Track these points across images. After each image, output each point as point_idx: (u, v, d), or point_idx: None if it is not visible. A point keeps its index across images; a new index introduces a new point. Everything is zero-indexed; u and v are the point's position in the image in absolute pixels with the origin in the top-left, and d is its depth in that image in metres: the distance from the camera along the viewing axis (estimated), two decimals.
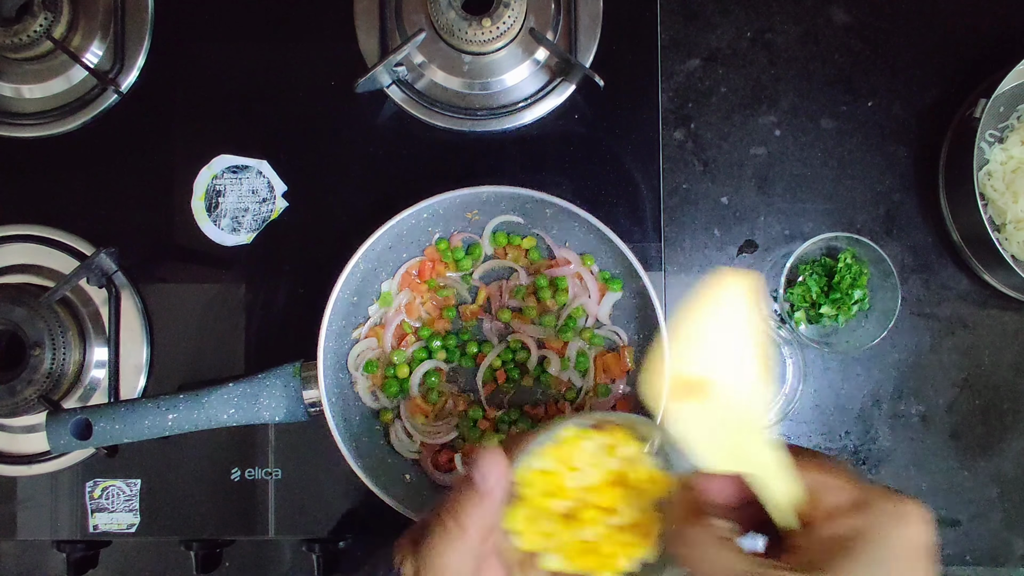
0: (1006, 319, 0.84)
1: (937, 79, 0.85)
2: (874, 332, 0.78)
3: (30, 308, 0.72)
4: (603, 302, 0.75)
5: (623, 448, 0.46)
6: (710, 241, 0.84)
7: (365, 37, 0.81)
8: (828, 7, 0.85)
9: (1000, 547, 0.83)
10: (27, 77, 0.80)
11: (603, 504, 0.45)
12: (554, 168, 0.80)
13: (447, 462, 0.74)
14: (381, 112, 0.81)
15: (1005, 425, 0.83)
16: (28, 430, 0.78)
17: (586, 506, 0.45)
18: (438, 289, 0.75)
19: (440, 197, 0.70)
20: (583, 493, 0.45)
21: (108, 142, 0.81)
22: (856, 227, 0.84)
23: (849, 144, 0.85)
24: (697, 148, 0.84)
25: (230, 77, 0.82)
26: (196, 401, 0.66)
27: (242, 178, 0.80)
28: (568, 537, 0.44)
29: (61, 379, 0.74)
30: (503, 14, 0.74)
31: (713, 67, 0.85)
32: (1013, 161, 0.82)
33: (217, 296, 0.80)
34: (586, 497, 0.45)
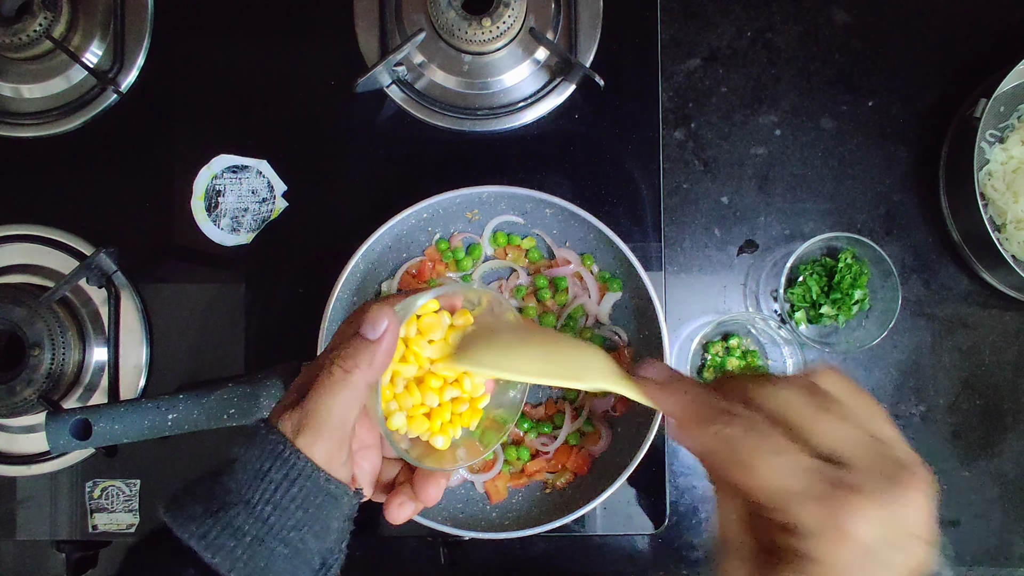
0: (1007, 319, 0.84)
1: (937, 79, 0.85)
2: (874, 332, 0.78)
3: (30, 308, 0.72)
4: (603, 302, 0.75)
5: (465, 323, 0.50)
6: (710, 241, 0.84)
7: (365, 37, 0.81)
8: (828, 7, 0.85)
9: (1000, 547, 0.83)
10: (27, 77, 0.80)
11: (446, 376, 0.48)
12: (554, 168, 0.80)
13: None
14: (381, 112, 0.81)
15: (1005, 425, 0.83)
16: (28, 430, 0.78)
17: (432, 375, 0.48)
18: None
19: (440, 197, 0.70)
20: (431, 363, 0.48)
21: (108, 142, 0.81)
22: (856, 227, 0.84)
23: (849, 144, 0.85)
24: (697, 148, 0.84)
25: (230, 77, 0.82)
26: (196, 401, 0.66)
27: (242, 178, 0.80)
28: (413, 401, 0.47)
29: (61, 379, 0.74)
30: (503, 14, 0.74)
31: (713, 67, 0.85)
32: (1013, 161, 0.82)
33: (217, 296, 0.79)
34: (433, 368, 0.48)
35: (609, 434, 0.74)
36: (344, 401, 0.44)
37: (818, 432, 0.38)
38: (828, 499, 0.36)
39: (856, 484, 0.36)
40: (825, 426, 0.38)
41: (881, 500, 0.36)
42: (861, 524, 0.35)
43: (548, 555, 0.80)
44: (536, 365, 0.46)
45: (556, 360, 0.46)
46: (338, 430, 0.44)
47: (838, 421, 0.38)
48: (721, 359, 0.81)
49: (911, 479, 0.37)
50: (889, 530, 0.36)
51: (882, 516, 0.36)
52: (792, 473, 0.37)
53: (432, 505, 0.52)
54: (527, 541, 0.80)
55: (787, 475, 0.37)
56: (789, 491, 0.36)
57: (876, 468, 0.37)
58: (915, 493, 0.37)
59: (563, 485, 0.74)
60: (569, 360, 0.46)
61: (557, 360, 0.46)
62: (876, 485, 0.36)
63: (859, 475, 0.36)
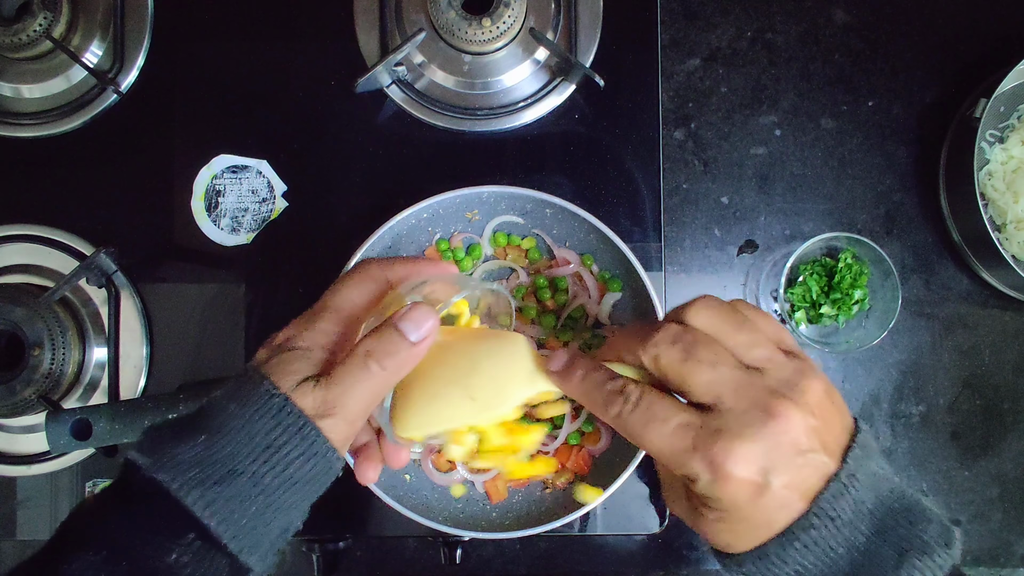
0: (1007, 319, 0.84)
1: (937, 79, 0.85)
2: (874, 332, 0.78)
3: (30, 308, 0.72)
4: (603, 302, 0.75)
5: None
6: (710, 241, 0.84)
7: (365, 37, 0.81)
8: (828, 7, 0.85)
9: (1000, 547, 0.83)
10: (27, 77, 0.80)
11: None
12: (554, 168, 0.80)
13: (447, 462, 0.74)
14: (381, 112, 0.81)
15: (1005, 425, 0.83)
16: (27, 430, 0.78)
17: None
18: None
19: (440, 197, 0.70)
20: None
21: (108, 142, 0.81)
22: (856, 227, 0.84)
23: (849, 144, 0.85)
24: (697, 148, 0.84)
25: (230, 77, 0.82)
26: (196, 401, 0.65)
27: (242, 178, 0.80)
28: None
29: (61, 379, 0.74)
30: (503, 14, 0.74)
31: (713, 67, 0.85)
32: (1013, 161, 0.82)
33: (217, 296, 0.79)
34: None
35: (609, 434, 0.74)
36: (373, 396, 0.45)
37: (690, 386, 0.41)
38: (704, 448, 0.39)
39: (724, 427, 0.39)
40: (695, 377, 0.41)
41: (750, 436, 0.39)
42: (739, 463, 0.38)
43: (548, 555, 0.80)
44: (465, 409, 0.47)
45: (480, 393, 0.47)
46: (360, 420, 0.45)
47: (708, 367, 0.41)
48: None
49: (781, 403, 0.39)
50: (769, 458, 0.39)
51: (756, 449, 0.38)
52: (672, 434, 0.40)
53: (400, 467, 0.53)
54: (527, 541, 0.80)
55: (668, 437, 0.40)
56: (675, 450, 0.40)
57: (745, 404, 0.40)
58: (788, 416, 0.39)
59: (563, 485, 0.74)
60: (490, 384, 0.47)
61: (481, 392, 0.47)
62: (743, 422, 0.39)
63: (727, 417, 0.40)
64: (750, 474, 0.38)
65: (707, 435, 0.39)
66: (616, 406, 0.42)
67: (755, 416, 0.39)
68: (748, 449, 0.38)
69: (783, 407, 0.39)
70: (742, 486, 0.39)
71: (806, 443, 0.39)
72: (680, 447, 0.40)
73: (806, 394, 0.40)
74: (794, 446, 0.39)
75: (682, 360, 0.41)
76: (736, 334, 0.42)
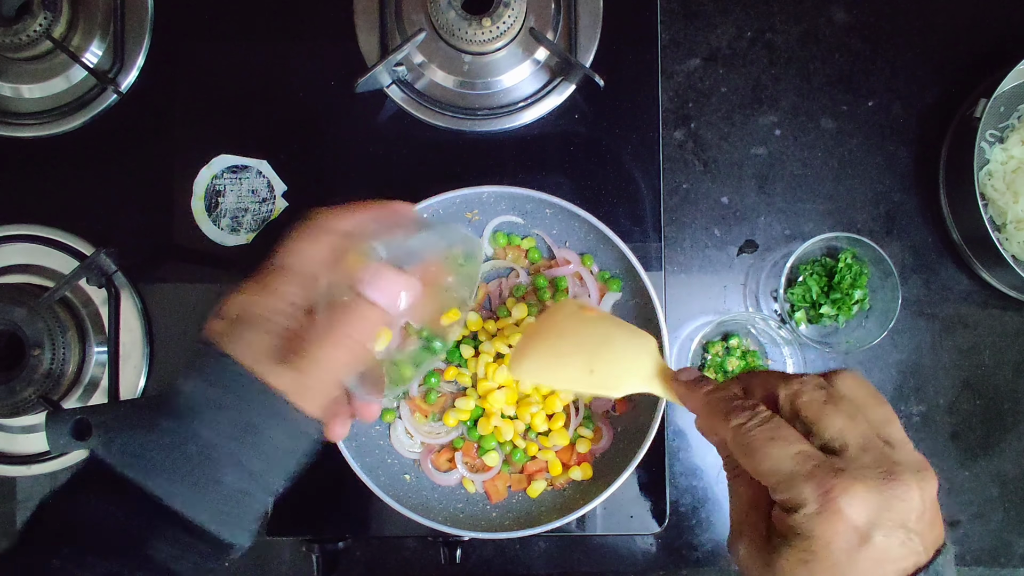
0: (1007, 319, 0.84)
1: (937, 79, 0.85)
2: (874, 332, 0.78)
3: (30, 308, 0.72)
4: (603, 302, 0.75)
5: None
6: (710, 241, 0.84)
7: (365, 37, 0.81)
8: (828, 7, 0.85)
9: (1000, 547, 0.83)
10: (27, 77, 0.80)
11: None
12: (554, 168, 0.80)
13: (447, 462, 0.74)
14: (381, 112, 0.81)
15: (1005, 425, 0.83)
16: (27, 430, 0.78)
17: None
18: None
19: (440, 197, 0.70)
20: None
21: (108, 142, 0.81)
22: (856, 227, 0.84)
23: (849, 144, 0.85)
24: (697, 148, 0.84)
25: (230, 77, 0.82)
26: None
27: (242, 178, 0.80)
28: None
29: (61, 379, 0.74)
30: (503, 14, 0.74)
31: (713, 67, 0.85)
32: (1013, 161, 0.82)
33: (217, 296, 0.79)
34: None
35: (610, 434, 0.74)
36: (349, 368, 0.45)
37: (823, 426, 0.40)
38: (822, 478, 0.38)
39: (849, 468, 0.38)
40: (831, 420, 0.40)
41: (872, 486, 0.38)
42: (852, 502, 0.37)
43: (548, 555, 0.80)
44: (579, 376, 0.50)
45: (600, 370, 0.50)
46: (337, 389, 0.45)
47: (845, 417, 0.40)
48: (721, 359, 0.81)
49: (905, 475, 0.38)
50: (881, 515, 0.37)
51: (872, 499, 0.37)
52: (791, 457, 0.39)
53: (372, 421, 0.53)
54: (527, 541, 0.80)
55: (787, 459, 0.39)
56: (788, 472, 0.39)
57: (872, 460, 0.39)
58: (909, 488, 0.38)
59: (563, 485, 0.74)
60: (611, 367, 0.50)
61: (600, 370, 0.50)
62: (869, 472, 0.38)
63: (854, 462, 0.39)
64: (859, 519, 0.37)
65: (827, 469, 0.38)
66: (742, 417, 0.42)
67: (879, 473, 0.38)
68: (866, 495, 0.37)
69: (907, 478, 0.38)
70: (846, 528, 0.37)
71: (915, 524, 0.38)
72: (796, 470, 0.39)
73: (924, 483, 0.39)
74: (905, 518, 0.38)
75: (823, 402, 0.41)
76: (877, 408, 0.42)
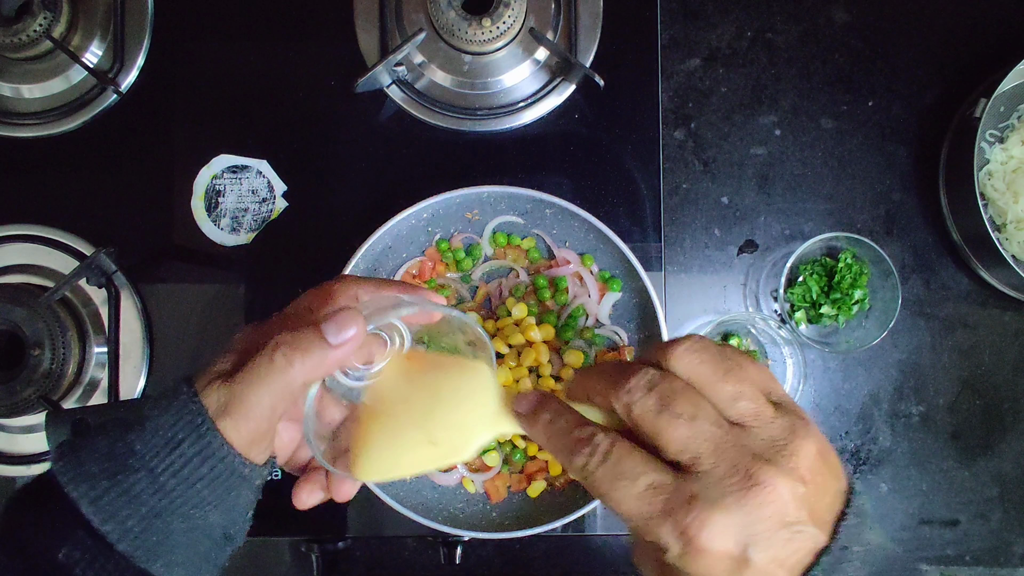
0: (1006, 319, 0.84)
1: (937, 79, 0.85)
2: (874, 332, 0.78)
3: (30, 308, 0.72)
4: (603, 302, 0.75)
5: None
6: (710, 241, 0.84)
7: (365, 37, 0.81)
8: (828, 7, 0.85)
9: (1000, 547, 0.83)
10: (27, 77, 0.80)
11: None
12: (554, 168, 0.80)
13: None
14: (381, 112, 0.81)
15: (1005, 425, 0.83)
16: (27, 430, 0.78)
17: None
18: (438, 289, 0.75)
19: (440, 197, 0.70)
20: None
21: (108, 142, 0.81)
22: (856, 227, 0.84)
23: (849, 144, 0.85)
24: (697, 148, 0.84)
25: (230, 77, 0.82)
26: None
27: (242, 178, 0.80)
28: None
29: (61, 379, 0.74)
30: (503, 14, 0.74)
31: (713, 67, 0.85)
32: (1013, 161, 0.82)
33: (217, 296, 0.79)
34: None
35: None
36: (277, 393, 0.41)
37: (664, 442, 0.36)
38: (676, 515, 0.34)
39: (700, 494, 0.34)
40: (670, 433, 0.36)
41: (728, 507, 0.34)
42: (715, 536, 0.34)
43: (548, 555, 0.80)
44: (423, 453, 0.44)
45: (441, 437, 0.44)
46: (265, 420, 0.41)
47: (686, 421, 0.36)
48: None
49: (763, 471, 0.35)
50: (750, 532, 0.34)
51: (734, 522, 0.34)
52: (639, 497, 0.35)
53: (344, 501, 0.49)
54: (527, 541, 0.80)
55: (636, 499, 0.35)
56: (643, 514, 0.35)
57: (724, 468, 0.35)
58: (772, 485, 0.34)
59: (563, 485, 0.74)
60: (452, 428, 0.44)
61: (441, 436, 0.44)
62: (722, 490, 0.34)
63: (704, 481, 0.35)
64: (727, 547, 0.34)
65: (680, 501, 0.34)
66: (581, 457, 0.37)
67: (735, 483, 0.34)
68: (726, 520, 0.34)
69: (767, 474, 0.34)
70: (718, 561, 0.34)
71: (793, 514, 0.35)
72: (649, 511, 0.35)
73: (795, 457, 0.35)
74: (779, 518, 0.34)
75: (657, 411, 0.36)
76: (721, 384, 0.37)
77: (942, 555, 0.82)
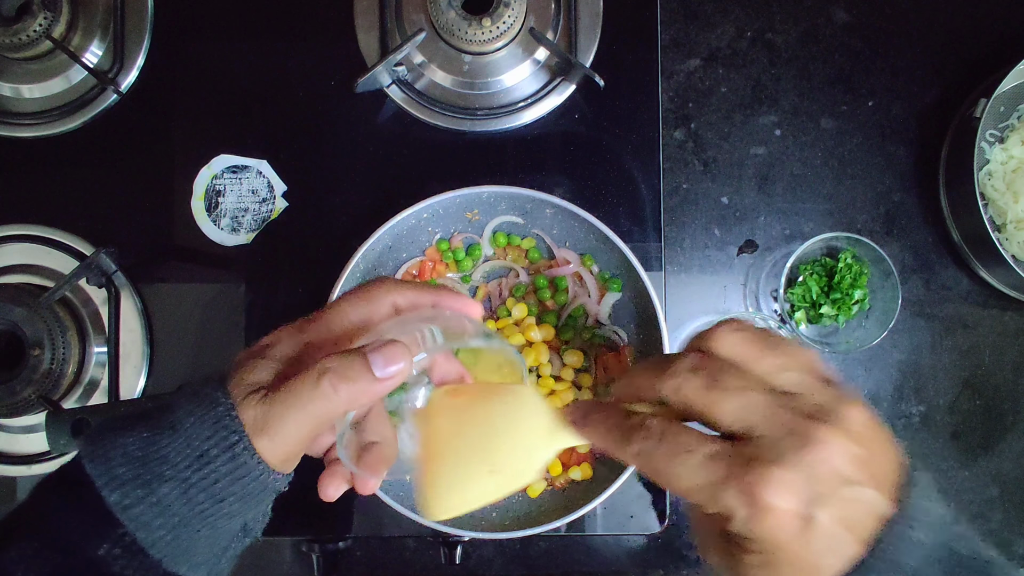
0: (1006, 319, 0.84)
1: (937, 79, 0.85)
2: (874, 332, 0.78)
3: (30, 308, 0.72)
4: (603, 302, 0.75)
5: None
6: (710, 241, 0.84)
7: (365, 37, 0.81)
8: (828, 7, 0.85)
9: (1000, 547, 0.83)
10: (27, 77, 0.80)
11: None
12: (554, 168, 0.80)
13: None
14: (381, 112, 0.81)
15: (1005, 425, 0.83)
16: (28, 430, 0.78)
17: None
18: None
19: (440, 197, 0.70)
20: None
21: (108, 142, 0.81)
22: (856, 227, 0.84)
23: (849, 144, 0.85)
24: (697, 148, 0.84)
25: (230, 77, 0.82)
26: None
27: (242, 178, 0.80)
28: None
29: (61, 379, 0.74)
30: (503, 14, 0.74)
31: (713, 67, 0.85)
32: (1013, 161, 0.82)
33: (217, 296, 0.79)
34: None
35: None
36: (318, 419, 0.40)
37: (717, 416, 0.37)
38: (739, 479, 0.34)
39: (761, 455, 0.35)
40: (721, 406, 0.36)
41: (790, 463, 0.34)
42: (779, 494, 0.34)
43: (548, 555, 0.80)
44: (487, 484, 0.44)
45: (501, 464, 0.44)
46: (303, 443, 0.41)
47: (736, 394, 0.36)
48: None
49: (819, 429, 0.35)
50: (813, 488, 0.34)
51: (795, 478, 0.34)
52: (700, 467, 0.36)
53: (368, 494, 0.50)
54: (527, 541, 0.80)
55: (697, 471, 0.36)
56: (704, 485, 0.36)
57: (781, 430, 0.35)
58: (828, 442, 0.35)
59: (563, 485, 0.74)
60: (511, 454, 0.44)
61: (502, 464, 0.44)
62: (781, 449, 0.35)
63: (761, 445, 0.35)
64: (792, 505, 0.34)
65: (740, 464, 0.35)
66: (638, 442, 0.37)
67: (792, 442, 0.35)
68: (787, 476, 0.34)
69: (822, 432, 0.35)
70: (784, 519, 0.34)
71: (852, 473, 0.35)
72: (711, 479, 0.35)
73: (846, 420, 0.35)
74: (839, 475, 0.34)
75: (706, 388, 0.37)
76: (764, 358, 0.38)
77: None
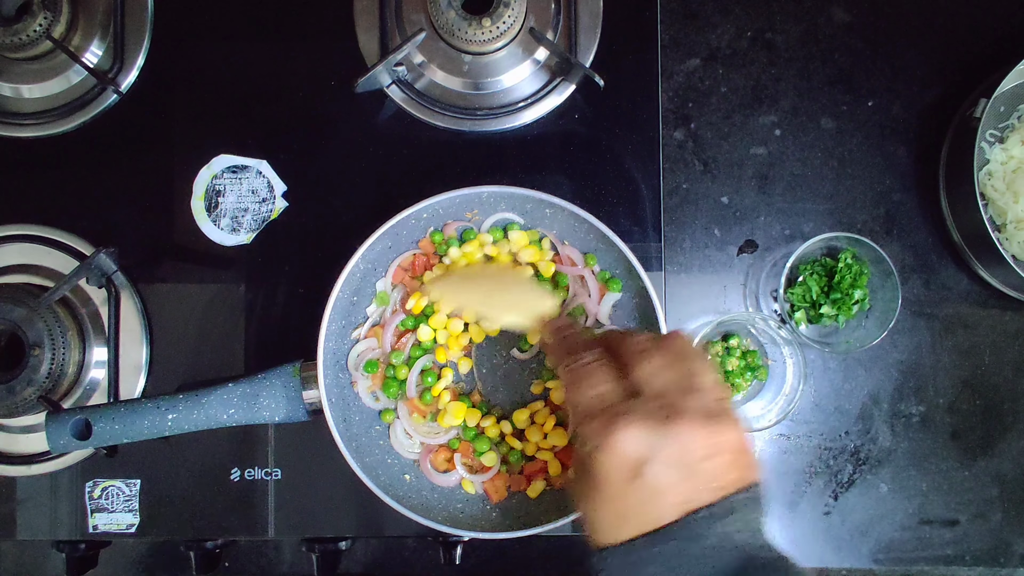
0: (1006, 319, 0.84)
1: (937, 79, 0.85)
2: (874, 332, 0.78)
3: (30, 308, 0.72)
4: (603, 302, 0.75)
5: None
6: (710, 241, 0.84)
7: (365, 37, 0.81)
8: (828, 7, 0.85)
9: (1000, 547, 0.83)
10: (27, 77, 0.80)
11: None
12: (554, 168, 0.80)
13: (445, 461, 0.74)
14: (381, 112, 0.81)
15: (1005, 425, 0.83)
16: (28, 430, 0.78)
17: None
18: None
19: (440, 197, 0.70)
20: None
21: (108, 142, 0.81)
22: (856, 227, 0.84)
23: (849, 144, 0.85)
24: (697, 148, 0.84)
25: (230, 77, 0.82)
26: (196, 401, 0.66)
27: (242, 178, 0.80)
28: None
29: (61, 379, 0.74)
30: (503, 14, 0.74)
31: (713, 67, 0.85)
32: (1013, 161, 0.82)
33: (217, 296, 0.79)
34: None
35: None
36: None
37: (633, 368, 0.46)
38: (608, 417, 0.43)
39: (633, 409, 0.43)
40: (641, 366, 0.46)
41: (650, 425, 0.42)
42: (627, 439, 0.42)
43: (548, 555, 0.80)
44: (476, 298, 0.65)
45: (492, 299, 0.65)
46: None
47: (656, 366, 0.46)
48: (721, 359, 0.81)
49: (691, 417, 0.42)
50: (654, 452, 0.41)
51: (646, 437, 0.42)
52: (592, 396, 0.46)
53: None
54: (527, 541, 0.80)
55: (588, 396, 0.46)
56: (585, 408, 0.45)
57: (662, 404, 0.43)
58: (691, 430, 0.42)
59: (563, 485, 0.74)
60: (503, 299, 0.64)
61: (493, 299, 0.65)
62: (652, 413, 0.43)
63: (644, 404, 0.44)
64: (632, 454, 0.41)
65: (615, 409, 0.43)
66: (572, 357, 0.49)
67: (662, 414, 0.42)
68: (641, 434, 0.42)
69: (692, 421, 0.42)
70: (619, 461, 0.42)
71: (699, 463, 0.42)
72: (591, 406, 0.45)
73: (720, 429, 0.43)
74: (684, 457, 0.41)
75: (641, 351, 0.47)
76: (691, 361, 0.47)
77: (942, 555, 0.82)
